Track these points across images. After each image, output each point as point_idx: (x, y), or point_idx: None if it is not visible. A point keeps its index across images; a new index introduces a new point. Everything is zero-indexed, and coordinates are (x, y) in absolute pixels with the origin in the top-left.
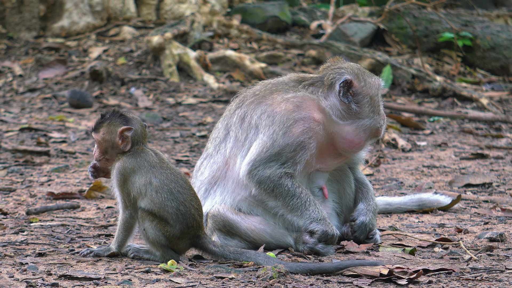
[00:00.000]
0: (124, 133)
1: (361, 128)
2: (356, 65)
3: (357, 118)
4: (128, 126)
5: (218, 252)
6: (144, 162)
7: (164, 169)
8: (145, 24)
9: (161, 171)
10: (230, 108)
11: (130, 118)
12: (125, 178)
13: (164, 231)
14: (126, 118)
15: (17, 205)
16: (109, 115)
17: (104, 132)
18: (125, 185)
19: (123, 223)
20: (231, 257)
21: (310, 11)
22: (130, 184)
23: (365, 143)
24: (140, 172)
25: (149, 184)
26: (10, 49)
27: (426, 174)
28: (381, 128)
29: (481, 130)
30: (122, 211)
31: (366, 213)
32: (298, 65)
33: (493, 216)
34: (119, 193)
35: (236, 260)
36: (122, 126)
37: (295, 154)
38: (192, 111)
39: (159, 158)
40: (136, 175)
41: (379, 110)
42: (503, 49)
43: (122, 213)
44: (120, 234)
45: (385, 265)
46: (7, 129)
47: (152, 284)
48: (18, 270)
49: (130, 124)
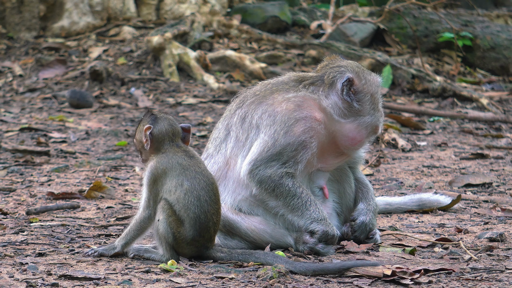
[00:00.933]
0: (146, 132)
1: (362, 125)
2: (355, 63)
3: (358, 116)
4: (149, 125)
5: (226, 257)
6: (176, 164)
7: (198, 173)
8: (145, 24)
9: (194, 175)
10: (230, 108)
11: (158, 117)
12: (155, 179)
13: (176, 231)
14: (153, 117)
15: (17, 205)
16: (143, 115)
17: (136, 132)
18: (154, 185)
19: (139, 222)
20: (240, 258)
21: (310, 11)
22: (160, 185)
23: (366, 139)
24: (172, 174)
25: (180, 185)
26: (10, 49)
27: (426, 174)
28: (381, 125)
29: (481, 130)
30: (142, 209)
31: (366, 213)
32: (298, 65)
33: (493, 216)
34: (146, 192)
35: (245, 261)
36: (147, 125)
37: (296, 154)
38: (192, 111)
39: (194, 160)
40: (167, 177)
41: (379, 107)
42: (503, 49)
43: (141, 212)
44: (131, 233)
45: (386, 265)
46: (7, 129)
47: (152, 284)
48: (18, 270)
49: (156, 123)
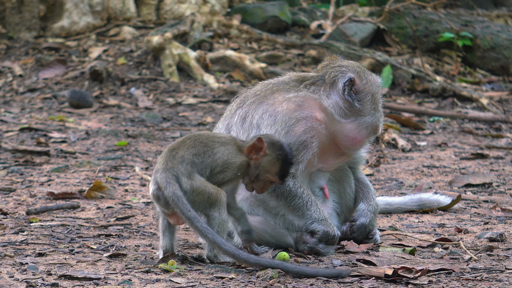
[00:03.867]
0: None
1: (363, 125)
2: (355, 63)
3: (358, 116)
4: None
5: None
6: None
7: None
8: (145, 24)
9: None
10: (231, 108)
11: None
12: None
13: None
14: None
15: (17, 205)
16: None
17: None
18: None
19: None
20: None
21: (310, 11)
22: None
23: (366, 139)
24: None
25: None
26: (10, 49)
27: (426, 174)
28: (381, 125)
29: (481, 130)
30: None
31: (366, 214)
32: (298, 65)
33: (493, 216)
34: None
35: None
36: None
37: (297, 154)
38: (192, 111)
39: None
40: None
41: (379, 107)
42: (503, 49)
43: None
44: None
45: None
46: (7, 129)
47: (152, 284)
48: (18, 270)
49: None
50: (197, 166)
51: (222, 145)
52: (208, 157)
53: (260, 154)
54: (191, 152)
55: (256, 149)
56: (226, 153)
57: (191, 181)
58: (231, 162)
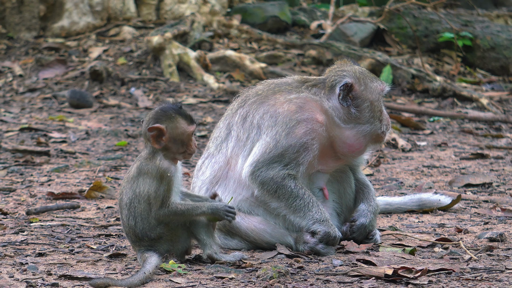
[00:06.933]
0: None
1: (361, 133)
2: (360, 69)
3: (357, 123)
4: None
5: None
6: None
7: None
8: (145, 24)
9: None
10: (232, 107)
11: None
12: None
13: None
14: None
15: (17, 205)
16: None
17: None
18: None
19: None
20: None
21: (310, 11)
22: None
23: (365, 148)
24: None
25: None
26: (10, 49)
27: (426, 174)
28: (383, 134)
29: (481, 130)
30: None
31: (366, 214)
32: (298, 65)
33: (493, 216)
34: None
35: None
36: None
37: (298, 155)
38: (192, 111)
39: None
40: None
41: (381, 116)
42: (503, 49)
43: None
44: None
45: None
46: (7, 129)
47: (152, 284)
48: (18, 270)
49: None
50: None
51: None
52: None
53: (165, 138)
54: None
55: (156, 137)
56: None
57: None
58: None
